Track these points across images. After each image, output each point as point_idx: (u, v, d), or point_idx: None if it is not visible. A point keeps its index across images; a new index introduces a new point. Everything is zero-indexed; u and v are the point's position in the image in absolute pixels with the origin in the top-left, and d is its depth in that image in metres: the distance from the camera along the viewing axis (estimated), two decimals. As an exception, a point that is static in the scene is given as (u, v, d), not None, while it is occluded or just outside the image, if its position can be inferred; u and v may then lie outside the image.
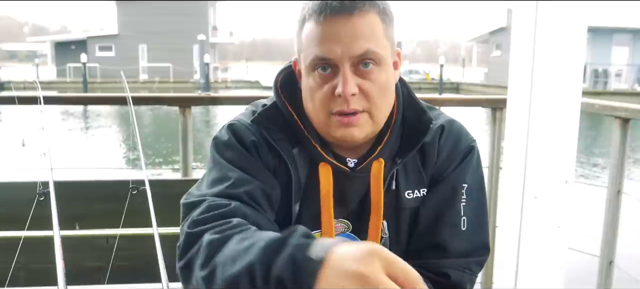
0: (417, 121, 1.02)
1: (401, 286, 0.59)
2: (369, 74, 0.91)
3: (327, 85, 0.92)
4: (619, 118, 2.20)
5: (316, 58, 0.91)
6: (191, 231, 0.84)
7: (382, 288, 0.58)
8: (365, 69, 0.91)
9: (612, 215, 2.24)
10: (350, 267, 0.60)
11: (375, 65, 0.92)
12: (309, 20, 0.92)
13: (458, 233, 1.01)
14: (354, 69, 0.91)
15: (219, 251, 0.76)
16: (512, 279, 1.72)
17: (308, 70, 0.94)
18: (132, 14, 32.86)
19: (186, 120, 2.34)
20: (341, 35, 0.89)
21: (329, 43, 0.89)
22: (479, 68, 42.86)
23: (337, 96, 0.90)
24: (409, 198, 1.02)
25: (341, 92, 0.89)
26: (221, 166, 0.96)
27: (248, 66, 45.40)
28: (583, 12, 1.57)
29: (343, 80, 0.89)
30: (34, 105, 1.84)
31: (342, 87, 0.89)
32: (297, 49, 0.99)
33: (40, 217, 1.54)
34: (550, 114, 1.61)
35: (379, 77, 0.92)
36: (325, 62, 0.91)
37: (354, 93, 0.90)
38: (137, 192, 1.84)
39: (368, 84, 0.91)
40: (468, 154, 1.05)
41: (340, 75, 0.90)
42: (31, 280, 1.91)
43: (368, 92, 0.92)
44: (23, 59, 65.87)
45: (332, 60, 0.90)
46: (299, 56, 0.98)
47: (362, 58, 0.90)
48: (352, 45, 0.89)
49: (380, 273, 0.59)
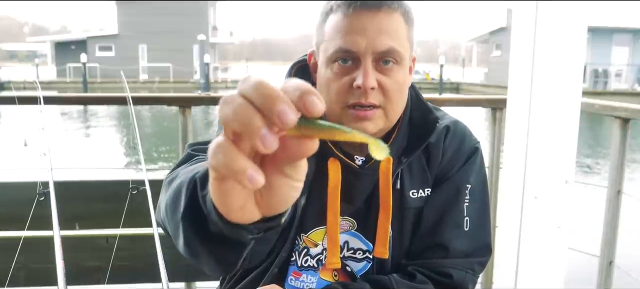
0: (423, 120, 1.03)
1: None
2: (388, 71, 0.93)
3: (346, 77, 0.92)
4: (619, 118, 2.20)
5: (339, 49, 0.91)
6: (192, 152, 0.86)
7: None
8: (386, 66, 0.92)
9: (612, 215, 2.24)
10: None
11: (395, 63, 0.93)
12: (336, 12, 0.93)
13: (461, 233, 1.02)
14: (375, 64, 0.92)
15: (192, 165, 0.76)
16: (512, 279, 1.72)
17: (328, 61, 0.94)
18: (132, 14, 32.86)
19: (186, 120, 2.34)
20: (367, 29, 0.90)
21: (354, 35, 0.90)
22: (479, 68, 42.87)
23: (356, 88, 0.91)
24: (413, 197, 1.03)
25: (361, 84, 0.90)
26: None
27: (248, 66, 45.44)
28: (583, 12, 1.57)
29: (364, 73, 0.90)
30: (34, 105, 1.84)
31: (362, 79, 0.90)
32: (316, 41, 0.99)
33: (40, 217, 1.54)
34: (550, 114, 1.61)
35: (398, 76, 0.94)
36: (348, 55, 0.92)
37: (373, 87, 0.91)
38: (137, 192, 1.84)
39: (387, 81, 0.92)
40: (472, 155, 1.06)
41: (361, 68, 0.91)
42: (31, 280, 1.91)
43: (386, 89, 0.92)
44: (23, 59, 65.90)
45: (355, 52, 0.91)
46: (318, 48, 0.98)
47: (385, 55, 0.91)
48: (377, 40, 0.90)
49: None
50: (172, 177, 0.77)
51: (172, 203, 0.69)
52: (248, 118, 0.41)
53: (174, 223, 0.68)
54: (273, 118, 0.41)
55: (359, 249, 1.05)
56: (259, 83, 0.42)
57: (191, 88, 28.36)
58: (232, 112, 0.42)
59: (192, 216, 0.61)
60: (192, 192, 0.61)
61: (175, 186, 0.70)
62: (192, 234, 0.63)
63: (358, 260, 1.05)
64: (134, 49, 32.50)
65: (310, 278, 1.06)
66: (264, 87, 0.42)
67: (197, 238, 0.63)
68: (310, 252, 1.05)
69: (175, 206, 0.67)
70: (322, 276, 1.06)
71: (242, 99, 0.42)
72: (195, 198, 0.60)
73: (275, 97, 0.41)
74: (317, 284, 1.06)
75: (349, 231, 1.04)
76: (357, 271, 1.06)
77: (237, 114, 0.41)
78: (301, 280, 1.06)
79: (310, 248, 1.04)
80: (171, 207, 0.69)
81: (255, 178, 0.42)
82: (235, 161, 0.42)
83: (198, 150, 0.88)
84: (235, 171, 0.42)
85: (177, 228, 0.67)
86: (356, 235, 1.05)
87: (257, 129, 0.41)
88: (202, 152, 0.86)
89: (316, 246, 1.04)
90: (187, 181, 0.65)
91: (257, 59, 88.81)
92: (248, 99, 0.42)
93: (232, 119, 0.42)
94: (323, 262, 1.05)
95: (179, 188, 0.68)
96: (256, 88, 0.42)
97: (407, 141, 1.02)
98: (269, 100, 0.41)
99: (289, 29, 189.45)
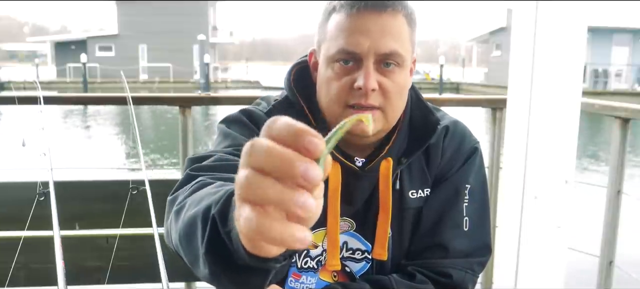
0: (424, 122, 1.03)
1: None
2: (389, 74, 0.92)
3: (347, 77, 0.92)
4: (619, 118, 2.20)
5: (342, 50, 0.91)
6: (192, 173, 0.83)
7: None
8: (387, 69, 0.92)
9: (612, 215, 2.24)
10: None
11: (396, 66, 0.93)
12: (339, 12, 0.93)
13: (460, 233, 1.02)
14: (376, 65, 0.91)
15: (198, 191, 0.74)
16: (512, 279, 1.72)
17: (329, 61, 0.94)
18: (132, 14, 32.85)
19: (186, 120, 2.34)
20: (371, 30, 0.90)
21: (357, 36, 0.90)
22: (479, 68, 42.84)
23: (356, 89, 0.90)
24: (412, 198, 1.03)
25: (362, 85, 0.89)
26: (232, 137, 0.96)
27: (248, 66, 45.38)
28: (583, 12, 1.57)
29: (365, 74, 0.90)
30: (34, 105, 1.84)
31: (363, 81, 0.89)
32: (318, 39, 0.99)
33: (40, 217, 1.54)
34: (550, 114, 1.61)
35: (399, 78, 0.93)
36: (350, 55, 0.91)
37: (374, 88, 0.90)
38: (137, 192, 1.84)
39: (388, 83, 0.92)
40: (471, 155, 1.06)
41: (363, 69, 0.90)
42: (31, 280, 1.91)
43: (386, 91, 0.92)
44: (23, 59, 65.89)
45: (357, 53, 0.90)
46: (319, 46, 0.98)
47: (387, 57, 0.91)
48: (380, 42, 0.90)
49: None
50: (179, 205, 0.74)
51: (186, 235, 0.68)
52: (279, 196, 0.40)
53: (191, 255, 0.67)
54: (299, 182, 0.40)
55: (358, 249, 1.05)
56: (267, 150, 0.40)
57: (191, 88, 28.35)
58: (262, 193, 0.40)
59: (214, 250, 0.60)
60: (212, 228, 0.60)
61: (186, 217, 0.68)
62: (219, 268, 0.61)
63: (357, 260, 1.05)
64: (134, 49, 32.49)
65: (309, 279, 1.06)
66: (274, 154, 0.40)
67: (222, 269, 0.62)
68: (310, 253, 1.05)
69: (190, 238, 0.66)
70: (321, 277, 1.06)
71: (260, 177, 0.40)
72: (216, 234, 0.59)
73: (291, 161, 0.40)
74: (316, 285, 1.06)
75: (348, 231, 1.04)
76: (356, 272, 1.05)
77: (267, 196, 0.40)
78: (301, 281, 1.06)
79: (310, 249, 1.04)
80: (186, 239, 0.68)
81: (307, 238, 0.41)
82: (282, 232, 0.41)
83: (199, 169, 0.85)
84: (286, 241, 0.41)
85: (195, 259, 0.66)
86: (355, 235, 1.05)
87: (292, 203, 0.40)
88: (203, 172, 0.83)
89: (316, 247, 1.04)
90: (201, 214, 0.63)
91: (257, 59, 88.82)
92: (264, 173, 0.40)
93: (264, 199, 0.40)
94: (323, 263, 1.05)
95: (192, 220, 0.66)
96: (267, 156, 0.40)
97: (407, 142, 1.02)
98: (286, 165, 0.40)
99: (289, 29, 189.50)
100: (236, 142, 0.95)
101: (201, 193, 0.71)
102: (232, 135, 0.97)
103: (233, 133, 0.97)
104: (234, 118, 1.00)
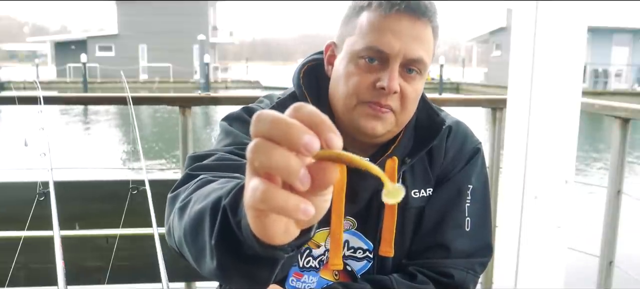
0: (429, 122, 1.04)
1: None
2: (411, 80, 0.94)
3: (369, 75, 0.92)
4: (619, 118, 2.20)
5: (371, 47, 0.92)
6: (192, 172, 0.83)
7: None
8: (409, 74, 0.93)
9: (612, 215, 2.24)
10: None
11: (418, 73, 0.94)
12: (374, 10, 0.93)
13: (462, 233, 1.02)
14: (400, 69, 0.92)
15: (202, 188, 0.74)
16: (512, 279, 1.72)
17: (353, 56, 0.94)
18: (132, 14, 32.85)
19: (186, 120, 2.34)
20: (403, 33, 0.91)
21: (390, 36, 0.91)
22: (479, 68, 42.84)
23: (378, 89, 0.91)
24: (415, 197, 1.03)
25: (386, 85, 0.90)
26: (234, 134, 0.96)
27: (248, 66, 45.36)
28: (583, 12, 1.57)
29: (391, 75, 0.91)
30: (34, 105, 1.84)
31: (388, 82, 0.90)
32: (340, 33, 0.99)
33: (40, 217, 1.54)
34: (550, 114, 1.61)
35: (418, 86, 0.95)
36: (378, 54, 0.92)
37: (397, 91, 0.92)
38: (137, 192, 1.84)
39: (408, 88, 0.93)
40: (474, 155, 1.07)
41: (387, 70, 0.91)
42: (31, 280, 1.91)
43: (405, 96, 0.94)
44: (23, 59, 65.89)
45: (387, 53, 0.91)
46: (342, 41, 0.98)
47: (413, 63, 0.92)
48: (410, 47, 0.91)
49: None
50: (183, 201, 0.74)
51: (192, 229, 0.68)
52: (285, 162, 0.42)
53: (197, 250, 0.67)
54: (300, 149, 0.41)
55: (360, 248, 1.05)
56: (275, 119, 0.42)
57: (191, 88, 28.35)
58: (266, 158, 0.42)
59: (224, 241, 0.61)
60: (222, 219, 0.60)
61: (193, 213, 0.68)
62: (228, 259, 0.62)
63: (358, 259, 1.05)
64: (134, 49, 32.49)
65: (311, 278, 1.06)
66: (281, 122, 0.42)
67: (231, 260, 0.62)
68: (313, 253, 1.05)
69: (197, 232, 0.66)
70: (322, 276, 1.06)
71: (268, 143, 0.42)
72: (226, 225, 0.60)
73: (297, 129, 0.42)
74: (317, 284, 1.06)
75: (350, 230, 1.04)
76: (357, 270, 1.06)
77: (271, 159, 0.42)
78: (302, 281, 1.06)
79: (312, 249, 1.04)
80: (192, 234, 0.68)
81: (309, 210, 0.43)
82: (286, 200, 0.43)
83: (199, 169, 0.85)
84: (289, 209, 0.43)
85: (201, 254, 0.66)
86: (356, 234, 1.05)
87: (296, 171, 0.42)
88: (203, 171, 0.83)
89: (318, 247, 1.04)
90: (210, 207, 0.64)
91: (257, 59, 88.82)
92: (271, 139, 0.42)
93: (268, 164, 0.42)
94: (324, 262, 1.05)
95: (199, 216, 0.66)
96: (274, 124, 0.42)
97: (412, 142, 1.03)
98: (292, 133, 0.41)
99: (289, 29, 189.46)
100: (237, 140, 0.95)
101: (208, 188, 0.71)
102: (233, 133, 0.97)
103: (234, 131, 0.97)
104: (236, 115, 1.01)
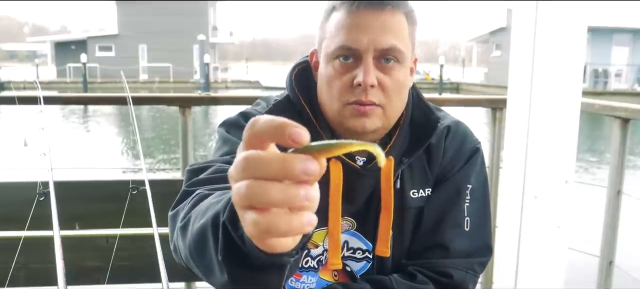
0: (424, 121, 1.03)
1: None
2: (389, 70, 0.93)
3: (347, 75, 0.93)
4: (619, 118, 2.20)
5: (341, 46, 0.92)
6: (189, 189, 0.84)
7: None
8: (387, 65, 0.93)
9: (612, 215, 2.24)
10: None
11: (396, 62, 0.93)
12: (339, 10, 0.93)
13: (461, 233, 1.02)
14: (376, 62, 0.92)
15: (199, 203, 0.74)
16: (512, 279, 1.72)
17: (329, 58, 0.95)
18: (132, 14, 32.84)
19: (186, 120, 2.34)
20: (370, 26, 0.91)
21: (356, 32, 0.91)
22: (479, 68, 42.83)
23: (356, 86, 0.91)
24: (414, 197, 1.03)
25: (362, 81, 0.90)
26: (231, 142, 0.97)
27: (248, 66, 45.36)
28: (583, 12, 1.57)
29: (365, 70, 0.90)
30: (34, 105, 1.84)
31: (363, 77, 0.90)
32: (318, 39, 0.99)
33: (40, 217, 1.54)
34: (550, 114, 1.61)
35: (398, 75, 0.94)
36: (349, 52, 0.92)
37: (373, 84, 0.91)
38: (137, 192, 1.84)
39: (387, 79, 0.93)
40: (473, 155, 1.06)
41: (362, 65, 0.91)
42: (31, 280, 1.91)
43: (386, 87, 0.93)
44: (23, 59, 65.88)
45: (356, 49, 0.91)
46: (320, 45, 0.99)
47: (386, 52, 0.92)
48: (379, 38, 0.91)
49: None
50: (183, 220, 0.74)
51: (197, 247, 0.68)
52: (284, 194, 0.43)
53: (205, 266, 0.67)
54: (301, 178, 0.43)
55: (359, 248, 1.05)
56: (263, 158, 0.44)
57: (191, 88, 28.35)
58: (265, 197, 0.43)
59: (230, 255, 0.61)
60: (225, 234, 0.60)
61: (195, 230, 0.68)
62: (237, 271, 0.62)
63: (358, 260, 1.05)
64: (134, 49, 32.48)
65: (310, 278, 1.06)
66: (272, 159, 0.43)
67: (240, 272, 0.62)
68: (311, 253, 1.05)
69: (203, 249, 0.66)
70: (322, 276, 1.06)
71: (262, 183, 0.43)
72: (229, 239, 0.60)
73: (290, 161, 0.43)
74: (316, 285, 1.06)
75: (349, 230, 1.04)
76: (356, 271, 1.06)
77: (271, 197, 0.43)
78: (301, 281, 1.06)
79: (311, 249, 1.04)
80: (197, 251, 0.68)
81: (313, 219, 0.45)
82: (290, 224, 0.44)
83: (195, 184, 0.85)
84: (294, 230, 0.44)
85: (210, 270, 0.66)
86: (356, 235, 1.05)
87: (297, 196, 0.43)
88: (200, 186, 0.83)
89: (317, 247, 1.04)
90: (211, 224, 0.63)
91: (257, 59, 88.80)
92: (265, 179, 0.43)
93: (268, 202, 0.43)
94: (323, 262, 1.05)
95: (201, 233, 0.66)
96: (266, 164, 0.43)
97: (408, 141, 1.02)
98: (287, 166, 0.43)
99: (289, 29, 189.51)
100: (235, 148, 0.94)
101: (204, 204, 0.71)
102: (231, 140, 0.97)
103: (232, 138, 0.97)
104: (232, 122, 1.01)
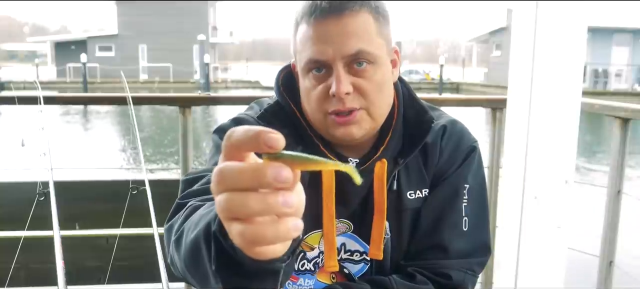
0: (418, 120, 1.02)
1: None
2: (363, 73, 0.92)
3: (322, 85, 0.92)
4: (619, 118, 2.20)
5: (309, 60, 0.91)
6: (181, 202, 0.83)
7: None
8: (360, 68, 0.91)
9: (612, 215, 2.24)
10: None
11: (369, 64, 0.92)
12: (302, 23, 0.93)
13: (459, 233, 1.01)
14: (347, 68, 0.91)
15: (191, 215, 0.74)
16: (512, 279, 1.72)
17: (303, 72, 0.94)
18: (132, 14, 32.84)
19: (186, 120, 2.34)
20: (332, 35, 0.89)
21: (320, 44, 0.90)
22: (479, 68, 42.79)
23: (332, 96, 0.90)
24: (411, 199, 1.02)
25: (335, 91, 0.89)
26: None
27: (248, 66, 45.35)
28: (583, 12, 1.57)
29: (336, 80, 0.89)
30: (34, 105, 1.84)
31: (335, 87, 0.89)
32: (293, 51, 0.99)
33: (40, 217, 1.54)
34: (550, 114, 1.61)
35: (375, 76, 0.93)
36: (319, 64, 0.91)
37: (348, 92, 0.90)
38: (137, 192, 1.84)
39: (363, 83, 0.92)
40: (470, 154, 1.05)
41: (334, 75, 0.90)
42: (31, 280, 1.91)
43: (364, 90, 0.92)
44: (23, 59, 65.83)
45: (324, 61, 0.90)
46: (295, 57, 0.99)
47: (355, 58, 0.90)
48: (344, 45, 0.89)
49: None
50: (177, 233, 0.74)
51: (192, 260, 0.68)
52: (263, 203, 0.44)
53: (201, 277, 0.68)
54: (275, 185, 0.44)
55: (356, 251, 1.04)
56: (236, 169, 0.45)
57: (191, 88, 28.35)
58: (244, 209, 0.44)
59: (224, 265, 0.61)
60: (216, 244, 0.60)
61: (188, 243, 0.68)
62: (232, 279, 0.62)
63: (355, 262, 1.05)
64: (134, 49, 32.49)
65: (307, 281, 1.06)
66: (244, 170, 0.44)
67: (235, 281, 0.63)
68: (307, 255, 1.04)
69: (197, 261, 0.66)
70: (319, 279, 1.06)
71: (239, 195, 0.44)
72: (221, 249, 0.60)
73: (261, 170, 0.44)
74: (314, 286, 1.05)
75: (346, 233, 1.04)
76: (354, 273, 1.05)
77: (249, 208, 0.44)
78: (298, 284, 1.06)
79: (306, 251, 1.04)
80: (193, 264, 0.68)
81: (299, 224, 0.46)
82: (276, 231, 0.45)
83: (188, 196, 0.85)
84: (282, 236, 0.45)
85: (206, 280, 0.66)
86: (353, 237, 1.04)
87: (277, 203, 0.44)
88: (192, 197, 0.83)
89: (312, 249, 1.04)
90: (203, 235, 0.63)
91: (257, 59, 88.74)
92: (241, 190, 0.44)
93: (247, 213, 0.44)
94: (320, 265, 1.05)
95: (194, 245, 0.66)
96: (238, 174, 0.44)
97: (402, 141, 1.02)
98: (258, 176, 0.44)
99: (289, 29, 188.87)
100: None
101: (196, 216, 0.71)
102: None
103: None
104: (226, 128, 1.00)
